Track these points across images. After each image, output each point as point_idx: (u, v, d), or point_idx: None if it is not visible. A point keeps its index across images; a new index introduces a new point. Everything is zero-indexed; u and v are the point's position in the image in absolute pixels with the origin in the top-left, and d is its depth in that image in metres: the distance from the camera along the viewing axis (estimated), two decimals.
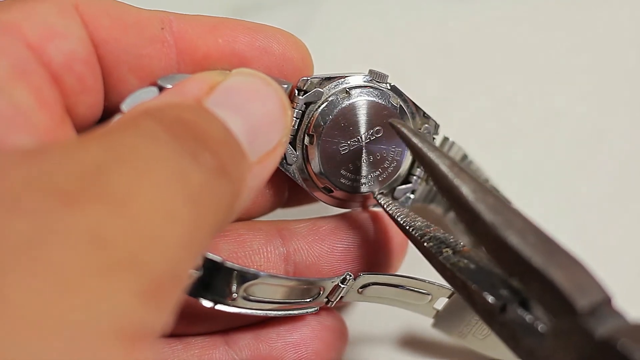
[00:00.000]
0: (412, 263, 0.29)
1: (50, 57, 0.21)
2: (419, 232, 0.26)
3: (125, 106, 0.22)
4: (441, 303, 0.29)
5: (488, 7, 0.42)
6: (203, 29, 0.24)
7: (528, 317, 0.21)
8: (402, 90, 0.27)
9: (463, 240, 0.25)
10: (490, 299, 0.22)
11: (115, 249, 0.14)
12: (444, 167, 0.22)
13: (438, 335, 0.31)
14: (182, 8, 0.24)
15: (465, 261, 0.24)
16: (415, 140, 0.23)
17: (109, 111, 0.23)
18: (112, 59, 0.23)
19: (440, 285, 0.27)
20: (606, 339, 0.19)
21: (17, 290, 0.13)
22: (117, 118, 0.21)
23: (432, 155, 0.23)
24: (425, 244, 0.25)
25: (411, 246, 0.28)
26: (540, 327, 0.21)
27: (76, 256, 0.14)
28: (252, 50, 0.25)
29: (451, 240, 0.25)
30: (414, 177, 0.29)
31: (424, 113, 0.28)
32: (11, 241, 0.14)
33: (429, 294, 0.28)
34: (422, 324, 0.31)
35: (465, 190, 0.22)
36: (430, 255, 0.25)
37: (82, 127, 0.22)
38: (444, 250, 0.25)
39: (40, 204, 0.14)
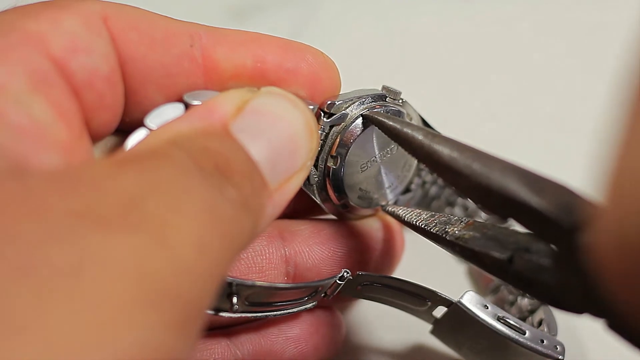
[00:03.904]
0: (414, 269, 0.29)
1: (72, 72, 0.20)
2: (426, 223, 0.26)
3: (149, 121, 0.22)
4: (440, 311, 0.28)
5: (488, 7, 0.43)
6: (232, 46, 0.24)
7: (534, 258, 0.21)
8: (412, 105, 0.28)
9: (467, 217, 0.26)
10: (497, 255, 0.23)
11: (154, 281, 0.15)
12: (419, 137, 0.23)
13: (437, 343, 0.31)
14: (182, 8, 0.24)
15: (471, 233, 0.25)
16: (389, 122, 0.25)
17: (129, 124, 0.23)
18: (139, 76, 0.22)
19: (440, 294, 0.27)
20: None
21: (56, 318, 0.13)
22: (140, 132, 0.22)
23: (407, 130, 0.24)
24: (432, 231, 0.26)
25: (415, 253, 0.28)
26: (547, 261, 0.21)
27: (115, 286, 0.14)
28: (281, 71, 0.24)
29: (455, 219, 0.26)
30: (412, 185, 0.30)
31: (431, 127, 0.29)
32: (52, 269, 0.14)
33: (427, 301, 0.28)
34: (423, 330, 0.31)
35: (443, 151, 0.23)
36: (439, 239, 0.26)
37: (94, 141, 0.22)
38: (449, 230, 0.25)
39: (80, 233, 0.15)
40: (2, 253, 0.14)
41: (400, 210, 0.28)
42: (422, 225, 0.26)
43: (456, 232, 0.25)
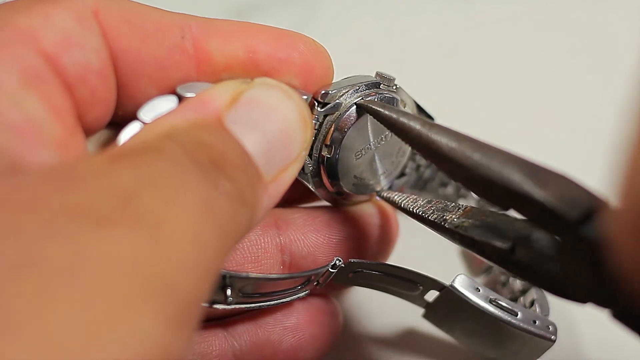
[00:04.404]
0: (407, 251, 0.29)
1: (64, 67, 0.20)
2: (423, 210, 0.26)
3: (143, 114, 0.22)
4: (432, 295, 0.28)
5: (488, 7, 0.43)
6: (223, 37, 0.23)
7: (536, 247, 0.21)
8: (406, 92, 0.28)
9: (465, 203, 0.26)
10: (498, 244, 0.23)
11: (151, 277, 0.15)
12: (417, 127, 0.23)
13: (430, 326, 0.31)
14: (181, 7, 0.24)
15: (470, 220, 0.25)
16: (386, 112, 0.24)
17: (122, 117, 0.23)
18: (131, 70, 0.22)
19: (431, 279, 0.27)
20: (600, 238, 0.19)
21: (54, 316, 0.13)
22: (133, 125, 0.22)
23: (404, 119, 0.24)
24: (430, 218, 0.26)
25: (407, 234, 0.28)
26: (549, 251, 0.21)
27: (112, 283, 0.14)
28: (273, 61, 0.24)
29: (452, 206, 0.26)
30: (407, 169, 0.30)
31: (426, 113, 0.29)
32: (49, 267, 0.14)
33: (419, 285, 0.28)
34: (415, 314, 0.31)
35: (441, 141, 0.22)
36: (438, 226, 0.26)
37: (87, 135, 0.22)
38: (447, 217, 0.25)
39: (76, 230, 0.14)
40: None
41: (396, 196, 0.28)
42: (419, 212, 0.26)
43: (455, 219, 0.25)
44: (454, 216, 0.25)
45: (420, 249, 0.34)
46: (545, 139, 0.39)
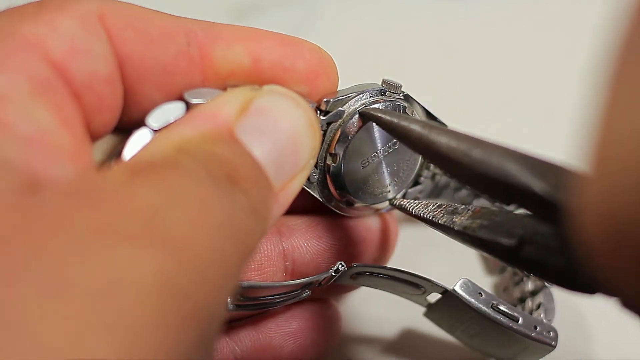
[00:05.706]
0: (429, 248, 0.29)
1: (72, 75, 0.20)
2: (433, 214, 0.26)
3: (152, 120, 0.22)
4: (434, 296, 0.28)
5: (488, 7, 0.43)
6: (228, 43, 0.23)
7: (542, 242, 0.21)
8: (415, 98, 0.28)
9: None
10: (505, 241, 0.22)
11: (181, 297, 0.15)
12: (417, 129, 0.23)
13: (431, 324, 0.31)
14: (181, 8, 0.24)
15: (478, 221, 0.24)
16: (386, 117, 0.25)
17: (127, 123, 0.23)
18: (136, 76, 0.22)
19: (434, 282, 0.27)
20: None
21: (88, 342, 0.13)
22: (142, 132, 0.22)
23: (404, 124, 0.24)
24: (440, 222, 0.26)
25: (429, 233, 0.28)
26: (555, 244, 0.21)
27: (144, 307, 0.14)
28: (278, 69, 0.24)
29: (462, 208, 0.26)
30: (422, 178, 0.30)
31: (437, 120, 0.29)
32: (81, 290, 0.14)
33: (422, 288, 0.28)
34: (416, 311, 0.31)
35: (440, 141, 0.22)
36: (447, 229, 0.25)
37: (93, 141, 0.22)
38: (456, 220, 0.25)
39: (104, 249, 0.14)
40: (29, 273, 0.14)
41: (407, 204, 0.28)
42: (429, 217, 0.26)
43: (464, 221, 0.25)
44: (462, 218, 0.25)
45: (438, 248, 0.34)
46: (547, 137, 0.38)
